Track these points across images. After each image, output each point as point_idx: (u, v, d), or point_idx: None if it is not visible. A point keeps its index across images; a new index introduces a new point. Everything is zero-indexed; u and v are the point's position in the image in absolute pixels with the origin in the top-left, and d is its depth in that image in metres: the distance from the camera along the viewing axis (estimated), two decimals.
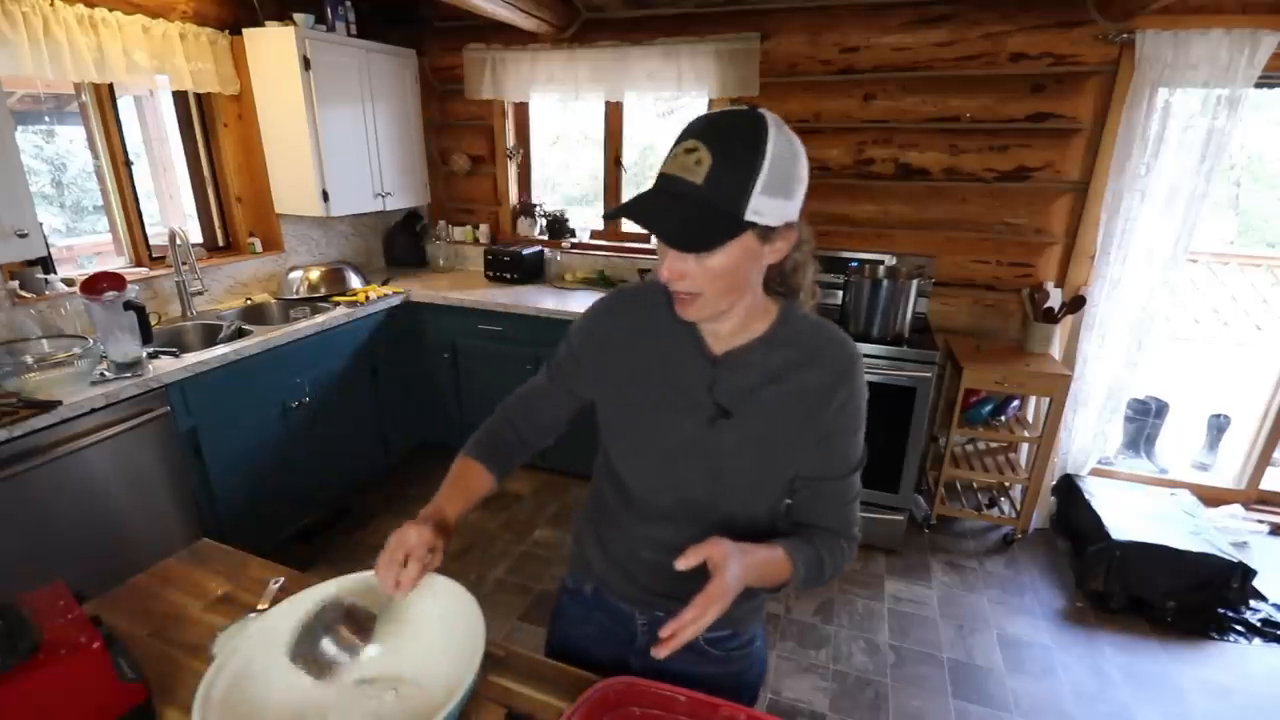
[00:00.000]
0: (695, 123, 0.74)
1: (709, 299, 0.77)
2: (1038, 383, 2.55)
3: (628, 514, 0.96)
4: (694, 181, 0.70)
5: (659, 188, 0.73)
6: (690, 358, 0.88)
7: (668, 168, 0.73)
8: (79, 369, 1.87)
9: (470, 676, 0.72)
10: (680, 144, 0.73)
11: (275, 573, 1.09)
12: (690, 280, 0.75)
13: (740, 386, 0.86)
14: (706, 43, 2.79)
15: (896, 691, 2.02)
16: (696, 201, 0.70)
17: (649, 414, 0.90)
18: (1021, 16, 2.46)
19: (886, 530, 2.66)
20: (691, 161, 0.70)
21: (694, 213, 0.70)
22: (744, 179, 0.70)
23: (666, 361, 0.89)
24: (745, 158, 0.70)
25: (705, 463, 0.88)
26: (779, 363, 0.85)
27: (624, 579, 0.99)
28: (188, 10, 2.49)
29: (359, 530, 2.76)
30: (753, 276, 0.80)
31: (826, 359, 0.85)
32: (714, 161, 0.69)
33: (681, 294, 0.78)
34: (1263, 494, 2.83)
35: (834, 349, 0.86)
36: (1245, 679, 2.09)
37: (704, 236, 0.72)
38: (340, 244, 3.32)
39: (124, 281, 1.88)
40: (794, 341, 0.86)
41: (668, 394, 0.88)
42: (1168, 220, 2.42)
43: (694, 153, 0.70)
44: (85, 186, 2.65)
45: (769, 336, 0.86)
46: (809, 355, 0.85)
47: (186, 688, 0.84)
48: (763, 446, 0.87)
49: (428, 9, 3.21)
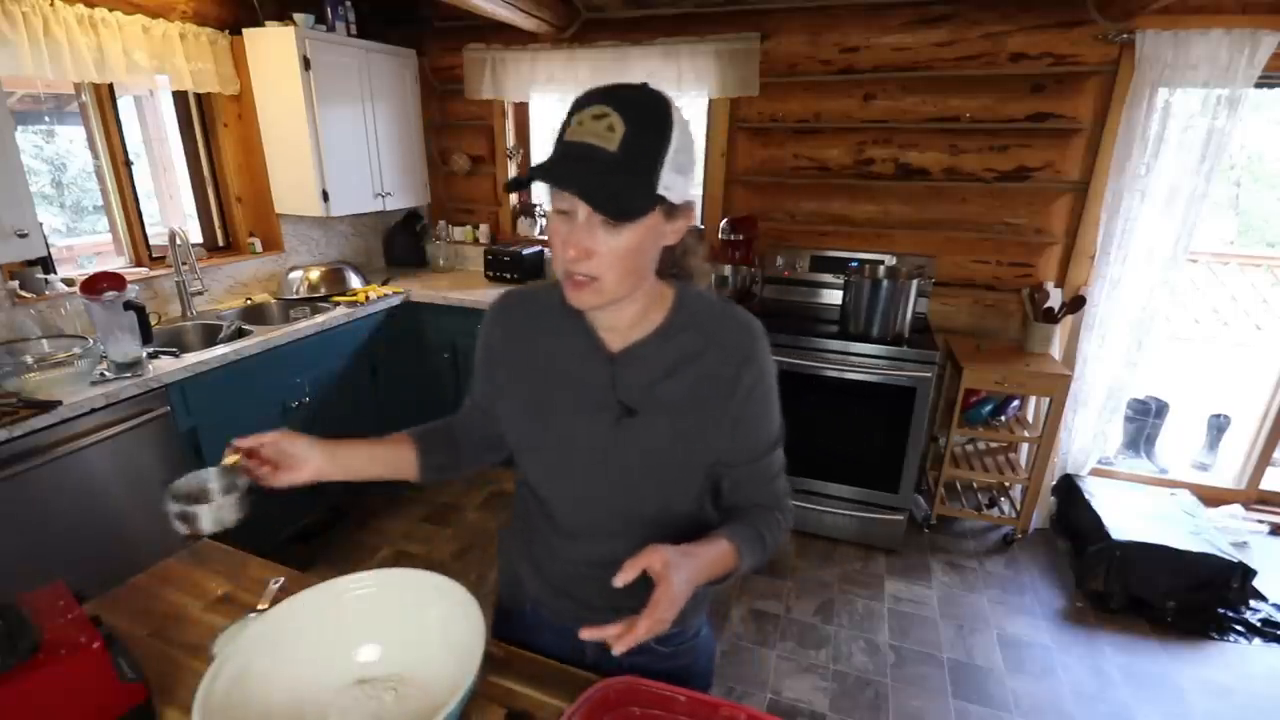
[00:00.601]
0: (594, 92, 0.69)
1: (608, 283, 0.72)
2: (1038, 383, 2.55)
3: (556, 534, 0.92)
4: (608, 149, 0.66)
5: (568, 154, 0.68)
6: (588, 358, 0.84)
7: (575, 134, 0.68)
8: (79, 369, 1.87)
9: (470, 676, 0.72)
10: (585, 109, 0.68)
11: (275, 573, 1.09)
12: (595, 261, 0.70)
13: (642, 382, 0.82)
14: (706, 43, 2.79)
15: (896, 691, 2.02)
16: (614, 169, 0.66)
17: (554, 422, 0.86)
18: (1021, 16, 2.46)
19: (886, 530, 2.67)
20: (603, 128, 0.66)
21: (613, 180, 0.66)
22: (656, 150, 0.68)
23: (564, 365, 0.85)
24: (657, 128, 0.68)
25: (619, 465, 0.84)
26: (680, 352, 0.82)
27: (562, 599, 0.94)
28: (188, 10, 2.49)
29: (359, 530, 2.75)
30: (651, 259, 0.77)
31: (728, 343, 0.82)
32: (627, 129, 0.66)
33: (579, 277, 0.72)
34: (1263, 494, 2.83)
35: (735, 332, 0.83)
36: (1245, 679, 2.09)
37: (627, 204, 0.68)
38: (340, 244, 3.32)
39: (124, 281, 1.88)
40: (693, 327, 0.83)
41: (570, 399, 0.85)
42: (1168, 220, 2.42)
43: (604, 119, 0.66)
44: (85, 186, 2.65)
45: (667, 326, 0.83)
46: (710, 340, 0.82)
47: (186, 688, 0.84)
48: (674, 440, 0.83)
49: (428, 9, 3.21)
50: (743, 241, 2.90)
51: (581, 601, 0.93)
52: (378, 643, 0.87)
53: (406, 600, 0.87)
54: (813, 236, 2.99)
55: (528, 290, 0.91)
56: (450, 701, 0.69)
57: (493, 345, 0.91)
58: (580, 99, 0.70)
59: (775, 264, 2.97)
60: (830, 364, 2.51)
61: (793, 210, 2.99)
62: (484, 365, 0.93)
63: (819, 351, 2.52)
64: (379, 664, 0.85)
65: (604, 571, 0.79)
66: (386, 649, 0.86)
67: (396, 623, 0.87)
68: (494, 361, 0.91)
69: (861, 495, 2.66)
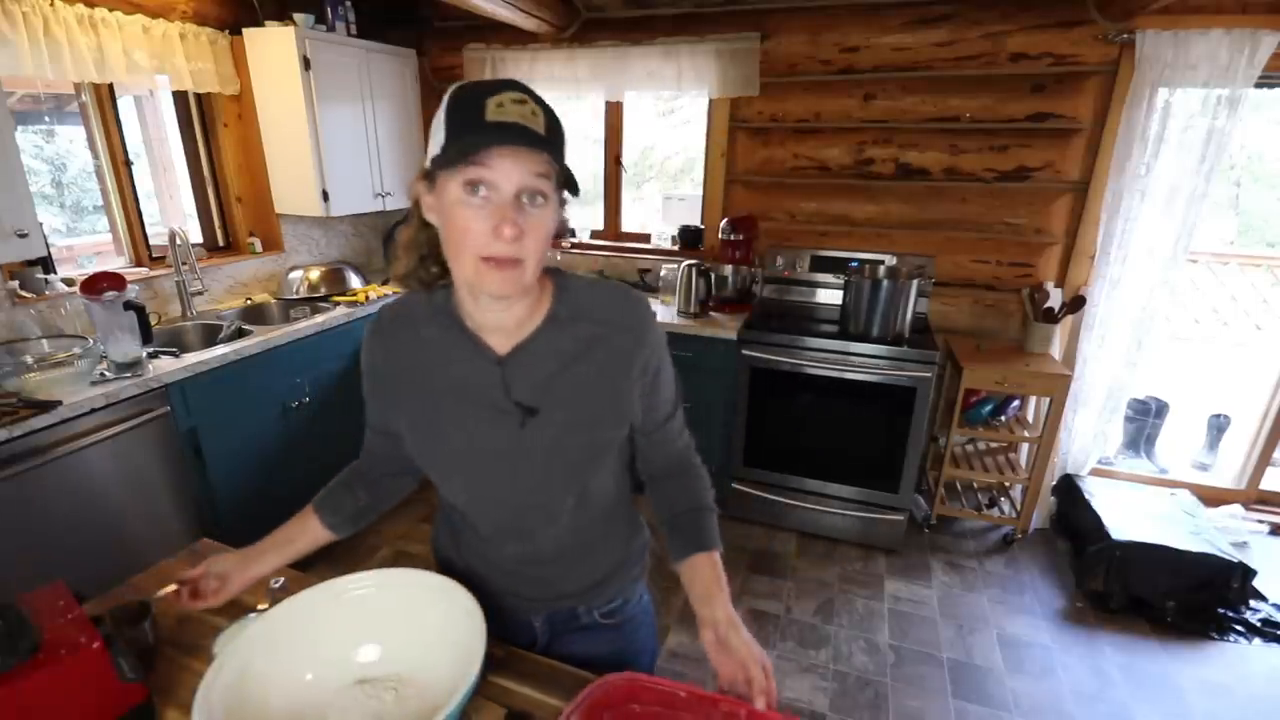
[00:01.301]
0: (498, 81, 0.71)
1: (530, 267, 0.73)
2: (1038, 383, 2.55)
3: (481, 540, 0.92)
4: (539, 131, 0.69)
5: (507, 129, 0.67)
6: (475, 365, 0.82)
7: (503, 114, 0.67)
8: (79, 369, 1.87)
9: (470, 676, 0.72)
10: (501, 93, 0.68)
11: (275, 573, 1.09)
12: (525, 241, 0.70)
13: (537, 379, 0.82)
14: (706, 42, 2.79)
15: (896, 691, 2.02)
16: (546, 148, 0.69)
17: (452, 435, 0.84)
18: (1021, 16, 2.46)
19: (886, 530, 2.67)
20: (528, 112, 0.69)
21: (553, 157, 0.70)
22: (561, 137, 0.72)
23: (452, 374, 0.83)
24: (558, 120, 0.72)
25: (529, 466, 0.84)
26: (571, 342, 0.82)
27: (505, 595, 0.94)
28: (188, 10, 2.49)
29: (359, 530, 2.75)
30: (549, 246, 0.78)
31: (617, 323, 0.83)
32: (545, 116, 0.70)
33: (506, 259, 0.71)
34: (1263, 494, 2.83)
35: (623, 309, 0.84)
36: (1245, 679, 2.09)
37: (570, 178, 0.72)
38: (340, 244, 3.32)
39: (124, 281, 1.88)
40: (580, 313, 0.83)
41: (463, 409, 0.83)
42: (1168, 220, 2.42)
43: (524, 104, 0.69)
44: (85, 186, 2.65)
45: (553, 316, 0.82)
46: (599, 323, 0.83)
47: (186, 688, 0.84)
48: (580, 430, 0.83)
49: (428, 9, 3.21)
50: (743, 241, 2.90)
51: (522, 596, 0.95)
52: (378, 643, 0.87)
53: (406, 600, 0.87)
54: (813, 236, 2.99)
55: (400, 302, 0.87)
56: (450, 701, 0.69)
57: (376, 366, 0.88)
58: (482, 85, 0.70)
59: (775, 264, 2.97)
60: (830, 364, 2.51)
61: (793, 210, 2.99)
62: (372, 389, 0.91)
63: (819, 351, 2.52)
64: (379, 664, 0.85)
65: (538, 567, 0.89)
66: (386, 649, 0.86)
67: (396, 623, 0.87)
68: (381, 383, 0.89)
69: (861, 495, 2.66)
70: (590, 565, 0.95)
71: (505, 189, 0.69)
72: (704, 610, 0.85)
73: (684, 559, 0.90)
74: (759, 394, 2.65)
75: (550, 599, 0.95)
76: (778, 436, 2.72)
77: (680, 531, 0.93)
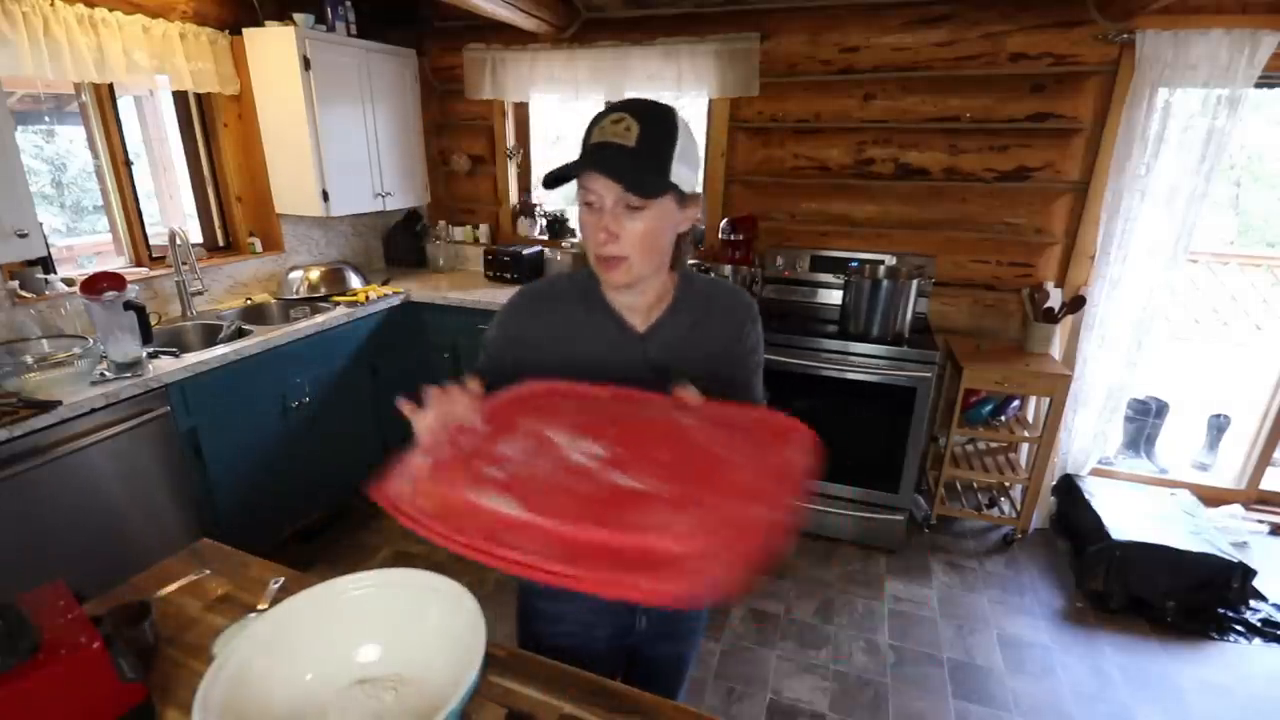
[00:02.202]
0: (613, 104, 0.84)
1: (635, 261, 0.86)
2: (1038, 383, 2.55)
3: None
4: (627, 145, 0.80)
5: (594, 151, 0.81)
6: (620, 339, 0.95)
7: (599, 136, 0.81)
8: (79, 369, 1.87)
9: (470, 676, 0.72)
10: (606, 117, 0.82)
11: (275, 573, 1.09)
12: (622, 242, 0.84)
13: (670, 351, 0.96)
14: (706, 43, 2.79)
15: (896, 691, 2.02)
16: (633, 157, 0.80)
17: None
18: (1021, 16, 2.46)
19: (886, 530, 2.66)
20: (621, 129, 0.80)
21: (633, 165, 0.80)
22: (667, 143, 0.82)
23: (591, 347, 0.95)
24: (665, 127, 0.82)
25: None
26: (693, 318, 0.98)
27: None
28: (188, 10, 2.49)
29: (359, 530, 2.75)
30: (667, 242, 0.89)
31: (732, 305, 1.02)
32: (642, 128, 0.80)
33: (611, 258, 0.85)
34: (1263, 494, 2.83)
35: (736, 296, 1.04)
36: (1245, 679, 2.09)
37: (648, 184, 0.81)
38: (340, 244, 3.32)
39: (124, 281, 1.88)
40: (701, 297, 1.00)
41: (608, 378, 0.91)
42: (1168, 220, 2.42)
43: (621, 122, 0.81)
44: (85, 186, 2.65)
45: (676, 303, 0.98)
46: (716, 304, 1.01)
47: (186, 688, 0.84)
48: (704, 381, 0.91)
49: (428, 9, 3.21)
50: (743, 241, 2.90)
51: None
52: (378, 643, 0.87)
53: (406, 600, 0.87)
54: (813, 236, 2.99)
55: (547, 284, 1.00)
56: (450, 701, 0.69)
57: (527, 334, 0.97)
58: (601, 112, 0.84)
59: (775, 264, 2.97)
60: (830, 364, 2.51)
61: (793, 210, 2.99)
62: (513, 353, 0.97)
63: (819, 351, 2.52)
64: (379, 664, 0.85)
65: None
66: (386, 649, 0.86)
67: (396, 623, 0.87)
68: (527, 349, 0.96)
69: (861, 495, 2.66)
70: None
71: (606, 200, 0.83)
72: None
73: None
74: None
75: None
76: None
77: None
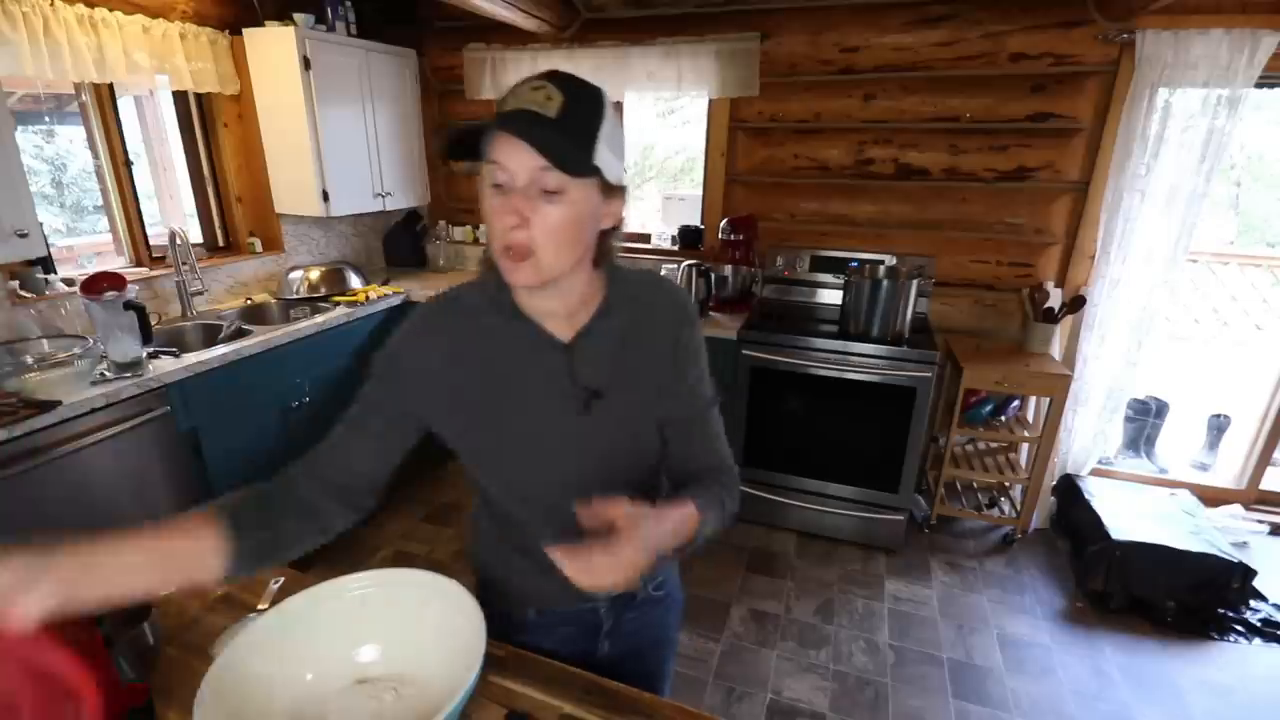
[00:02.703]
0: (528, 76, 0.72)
1: (546, 257, 0.72)
2: (1038, 383, 2.55)
3: (544, 532, 0.85)
4: (548, 114, 0.67)
5: (511, 119, 0.68)
6: (540, 352, 0.82)
7: (515, 103, 0.69)
8: (79, 369, 1.87)
9: (471, 676, 0.72)
10: (524, 83, 0.70)
11: (275, 573, 1.09)
12: (534, 230, 0.71)
13: (600, 363, 0.84)
14: (706, 43, 2.79)
15: (896, 691, 2.02)
16: (555, 128, 0.67)
17: (516, 425, 0.83)
18: (1021, 16, 2.46)
19: (886, 530, 2.66)
20: (542, 97, 0.68)
21: (556, 139, 0.68)
22: (592, 122, 0.70)
23: (511, 365, 0.82)
24: (591, 105, 0.70)
25: (595, 449, 0.85)
26: (625, 323, 0.85)
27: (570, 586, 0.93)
28: (188, 10, 2.49)
29: (359, 530, 2.75)
30: (587, 237, 0.76)
31: (665, 304, 0.89)
32: (565, 99, 0.68)
33: (516, 248, 0.71)
34: (1263, 494, 2.83)
35: (668, 294, 0.90)
36: (1245, 679, 2.09)
37: (571, 159, 0.69)
38: (340, 244, 3.32)
39: (124, 281, 1.88)
40: (632, 298, 0.86)
41: (530, 398, 0.83)
42: (1168, 220, 2.42)
43: (542, 89, 0.68)
44: (85, 186, 2.64)
45: (607, 305, 0.84)
46: (649, 305, 0.87)
47: (186, 688, 0.84)
48: (640, 409, 0.87)
49: (428, 9, 3.20)
50: (743, 241, 2.90)
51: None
52: (378, 643, 0.86)
53: (406, 600, 0.87)
54: (813, 236, 2.99)
55: (450, 298, 0.85)
56: (450, 701, 0.69)
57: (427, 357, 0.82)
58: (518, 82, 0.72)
59: (775, 264, 2.97)
60: (830, 364, 2.51)
61: (793, 210, 2.99)
62: (410, 380, 0.83)
63: (819, 351, 2.52)
64: (379, 664, 0.85)
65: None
66: (386, 649, 0.86)
67: (396, 623, 0.87)
68: (429, 374, 0.82)
69: (861, 495, 2.66)
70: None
71: (519, 178, 0.69)
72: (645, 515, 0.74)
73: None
74: (759, 394, 2.65)
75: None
76: (778, 436, 2.72)
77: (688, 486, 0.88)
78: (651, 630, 1.05)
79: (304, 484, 0.82)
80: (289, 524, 0.80)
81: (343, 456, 0.84)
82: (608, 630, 1.01)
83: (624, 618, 1.01)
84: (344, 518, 0.85)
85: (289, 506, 0.80)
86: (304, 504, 0.81)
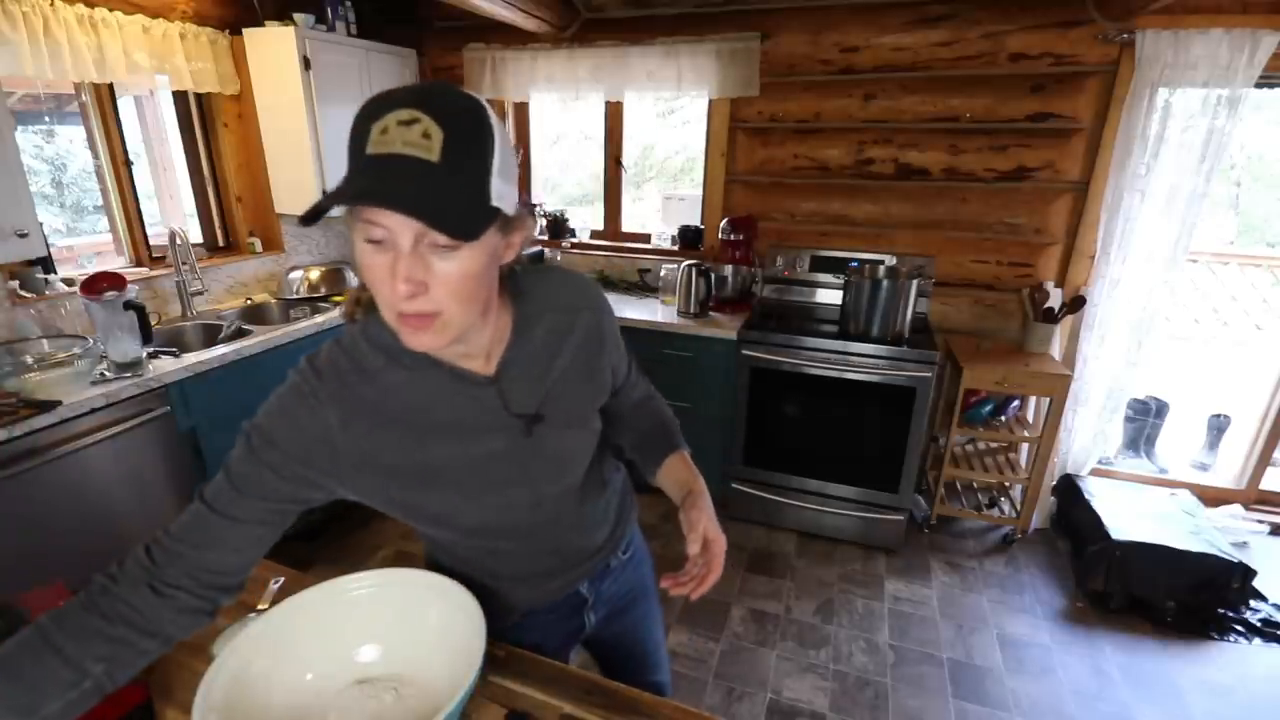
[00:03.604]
0: (394, 92, 0.59)
1: (453, 316, 0.63)
2: (1038, 383, 2.55)
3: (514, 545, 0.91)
4: (429, 159, 0.56)
5: (383, 169, 0.57)
6: (465, 394, 0.75)
7: (384, 145, 0.57)
8: (79, 369, 1.87)
9: (470, 676, 0.72)
10: (388, 114, 0.57)
11: (275, 573, 1.09)
12: (434, 294, 0.61)
13: (530, 385, 0.80)
14: (706, 43, 2.79)
15: (896, 691, 2.02)
16: (440, 180, 0.57)
17: (462, 473, 0.77)
18: (1021, 16, 2.46)
19: (886, 530, 2.66)
20: (417, 135, 0.56)
21: (444, 194, 0.57)
22: (482, 156, 0.60)
23: (442, 413, 0.74)
24: (476, 133, 0.59)
25: (543, 471, 0.85)
26: (543, 335, 0.81)
27: (554, 577, 0.97)
28: (188, 10, 2.49)
29: (359, 530, 2.75)
30: (493, 279, 0.68)
31: (578, 304, 0.86)
32: (446, 135, 0.57)
33: (415, 317, 0.62)
34: (1263, 494, 2.83)
35: (577, 290, 0.87)
36: (1245, 679, 2.09)
37: (469, 220, 0.58)
38: (340, 244, 3.32)
39: (124, 281, 1.88)
40: (543, 306, 0.82)
41: (467, 440, 0.76)
42: (1168, 220, 2.42)
43: (416, 124, 0.56)
44: (85, 186, 2.65)
45: (521, 321, 0.79)
46: (563, 310, 0.84)
47: (186, 688, 0.84)
48: (580, 410, 0.88)
49: (428, 9, 3.20)
50: (742, 241, 2.90)
51: (565, 560, 0.98)
52: (378, 643, 0.87)
53: (406, 600, 0.87)
54: (813, 236, 2.99)
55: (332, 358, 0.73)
56: (450, 701, 0.69)
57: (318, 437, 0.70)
58: (376, 102, 0.59)
59: (775, 264, 2.97)
60: (830, 364, 2.51)
61: (793, 210, 2.99)
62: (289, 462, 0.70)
63: (819, 351, 2.52)
64: (379, 664, 0.85)
65: (577, 540, 0.97)
66: (386, 649, 0.86)
67: (396, 623, 0.87)
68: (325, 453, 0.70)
69: (861, 495, 2.66)
70: (605, 514, 1.00)
71: (403, 238, 0.59)
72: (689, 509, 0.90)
73: (659, 466, 1.00)
74: (759, 394, 2.65)
75: (589, 558, 1.00)
76: (777, 436, 2.72)
77: (649, 445, 1.02)
78: (629, 586, 1.10)
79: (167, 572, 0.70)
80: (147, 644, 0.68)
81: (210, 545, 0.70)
82: (592, 604, 1.04)
83: (602, 588, 1.05)
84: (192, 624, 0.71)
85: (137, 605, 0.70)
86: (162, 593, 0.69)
